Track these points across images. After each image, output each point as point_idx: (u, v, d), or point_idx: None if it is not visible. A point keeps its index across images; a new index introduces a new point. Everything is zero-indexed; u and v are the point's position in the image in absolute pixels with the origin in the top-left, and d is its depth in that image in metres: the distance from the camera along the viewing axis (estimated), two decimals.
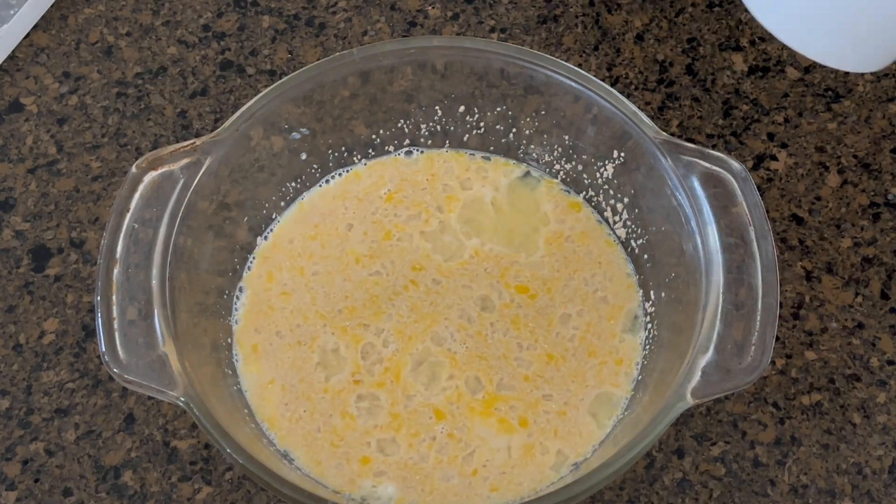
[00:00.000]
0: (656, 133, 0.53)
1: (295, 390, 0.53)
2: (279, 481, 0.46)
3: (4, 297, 0.58)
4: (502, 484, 0.51)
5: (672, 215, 0.53)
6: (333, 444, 0.52)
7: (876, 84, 0.65)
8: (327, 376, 0.54)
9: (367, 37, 0.67)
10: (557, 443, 0.52)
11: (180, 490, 0.53)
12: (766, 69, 0.66)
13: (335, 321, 0.55)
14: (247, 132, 0.55)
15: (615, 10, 0.68)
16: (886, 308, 0.58)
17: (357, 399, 0.53)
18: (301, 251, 0.58)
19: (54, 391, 0.55)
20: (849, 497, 0.53)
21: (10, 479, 0.53)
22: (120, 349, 0.48)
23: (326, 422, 0.53)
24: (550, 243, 0.58)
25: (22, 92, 0.65)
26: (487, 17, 0.68)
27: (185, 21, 0.68)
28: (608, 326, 0.55)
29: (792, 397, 0.55)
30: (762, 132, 0.63)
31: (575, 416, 0.53)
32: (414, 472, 0.51)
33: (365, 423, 0.53)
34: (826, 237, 0.60)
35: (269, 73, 0.65)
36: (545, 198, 0.59)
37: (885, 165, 0.62)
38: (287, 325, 0.55)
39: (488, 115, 0.59)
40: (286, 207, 0.59)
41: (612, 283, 0.56)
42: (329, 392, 0.53)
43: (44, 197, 0.61)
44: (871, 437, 0.54)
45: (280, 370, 0.54)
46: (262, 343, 0.55)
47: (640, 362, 0.54)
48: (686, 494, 0.53)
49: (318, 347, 0.55)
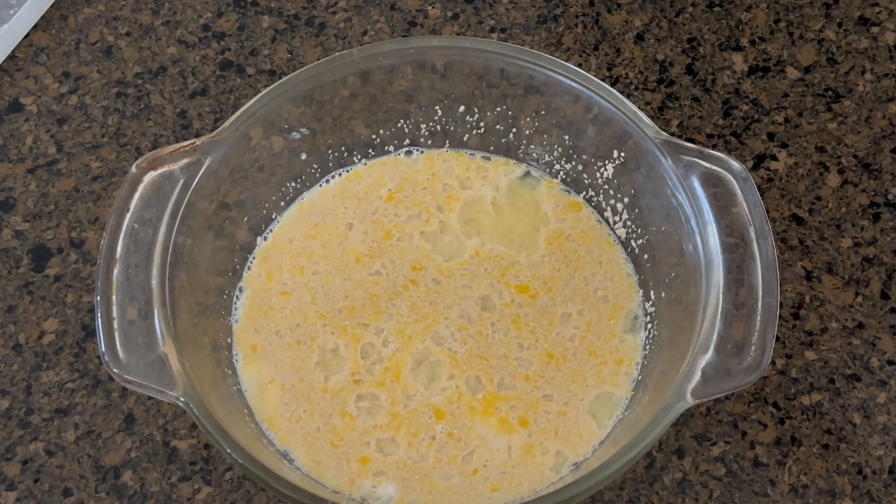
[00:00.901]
0: (656, 133, 0.53)
1: (294, 390, 0.53)
2: (279, 481, 0.46)
3: (4, 297, 0.58)
4: (502, 484, 0.51)
5: (672, 215, 0.53)
6: (333, 443, 0.52)
7: (876, 84, 0.65)
8: (327, 376, 0.54)
9: (367, 37, 0.67)
10: (557, 443, 0.52)
11: (180, 490, 0.53)
12: (766, 69, 0.66)
13: (335, 321, 0.55)
14: (247, 132, 0.55)
15: (615, 10, 0.68)
16: (886, 308, 0.58)
17: (357, 399, 0.53)
18: (301, 251, 0.58)
19: (54, 391, 0.55)
20: (849, 497, 0.53)
21: (10, 479, 0.53)
22: (120, 349, 0.48)
23: (326, 422, 0.53)
24: (551, 243, 0.58)
25: (22, 92, 0.65)
26: (487, 17, 0.68)
27: (185, 21, 0.68)
28: (608, 326, 0.55)
29: (792, 397, 0.55)
30: (762, 132, 0.63)
31: (575, 416, 0.53)
32: (413, 471, 0.51)
33: (364, 422, 0.53)
34: (826, 237, 0.60)
35: (269, 73, 0.65)
36: (545, 198, 0.59)
37: (885, 165, 0.62)
38: (287, 325, 0.55)
39: (488, 115, 0.59)
40: (286, 207, 0.59)
41: (612, 283, 0.56)
42: (329, 392, 0.53)
43: (44, 197, 0.61)
44: (871, 438, 0.54)
45: (280, 370, 0.54)
46: (262, 343, 0.55)
47: (641, 362, 0.54)
48: (686, 494, 0.53)
49: (317, 347, 0.55)
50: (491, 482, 0.51)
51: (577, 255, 0.57)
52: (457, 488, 0.51)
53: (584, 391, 0.53)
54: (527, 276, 0.56)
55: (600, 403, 0.53)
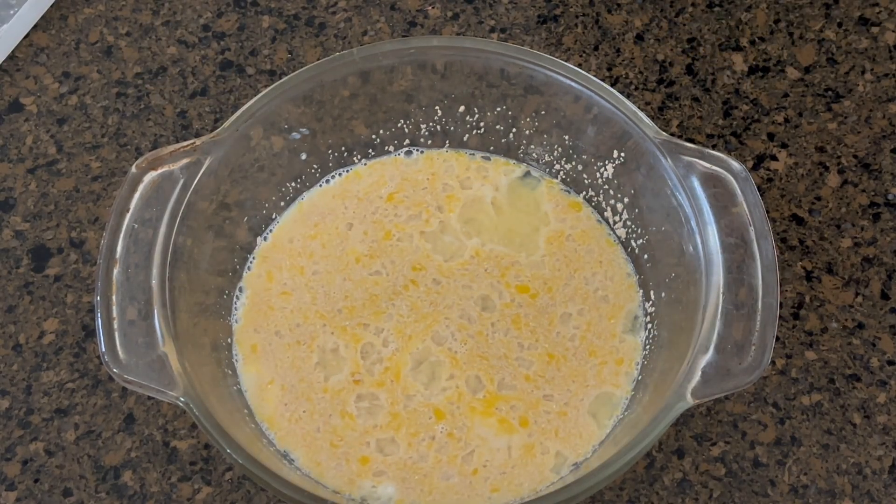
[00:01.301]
0: (656, 133, 0.53)
1: (294, 390, 0.53)
2: (279, 481, 0.46)
3: (4, 297, 0.58)
4: (502, 484, 0.51)
5: (672, 215, 0.53)
6: (333, 444, 0.52)
7: (876, 84, 0.65)
8: (326, 376, 0.54)
9: (367, 37, 0.67)
10: (557, 443, 0.52)
11: (180, 490, 0.53)
12: (766, 69, 0.66)
13: (335, 321, 0.55)
14: (247, 132, 0.55)
15: (615, 10, 0.68)
16: (886, 308, 0.58)
17: (356, 399, 0.53)
18: (301, 251, 0.57)
19: (54, 391, 0.55)
20: (849, 497, 0.53)
21: (9, 479, 0.53)
22: (120, 349, 0.48)
23: (326, 422, 0.53)
24: (551, 243, 0.58)
25: (22, 92, 0.65)
26: (487, 17, 0.68)
27: (185, 21, 0.68)
28: (608, 326, 0.55)
29: (792, 397, 0.55)
30: (762, 132, 0.63)
31: (575, 416, 0.53)
32: (413, 471, 0.51)
33: (364, 422, 0.53)
34: (826, 237, 0.60)
35: (269, 73, 0.65)
36: (545, 198, 0.59)
37: (885, 165, 0.62)
38: (287, 325, 0.55)
39: (488, 115, 0.59)
40: (286, 207, 0.59)
41: (612, 283, 0.56)
42: (328, 392, 0.53)
43: (44, 197, 0.61)
44: (871, 438, 0.54)
45: (279, 370, 0.54)
46: (262, 343, 0.55)
47: (641, 362, 0.54)
48: (686, 494, 0.53)
49: (317, 347, 0.55)
50: (491, 482, 0.51)
51: (577, 255, 0.57)
52: (457, 488, 0.51)
53: (585, 391, 0.53)
54: (527, 275, 0.56)
55: (600, 403, 0.53)
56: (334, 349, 0.54)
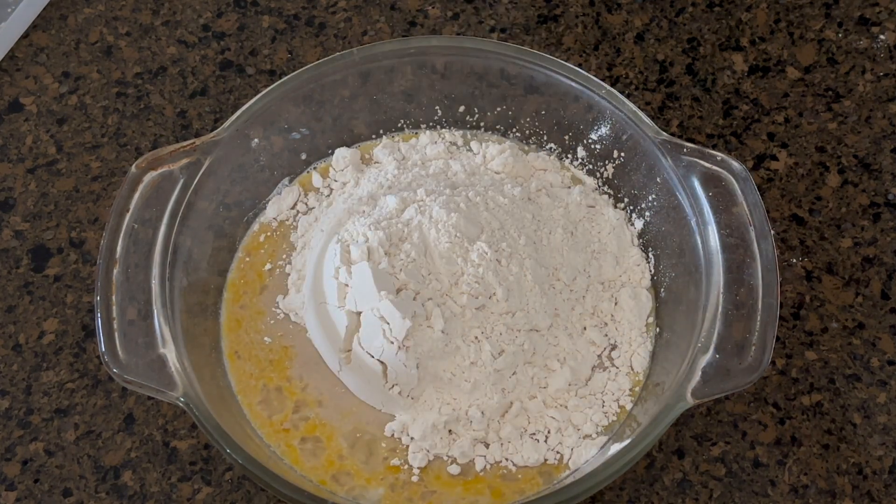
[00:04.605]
0: (656, 133, 0.53)
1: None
2: (279, 481, 0.46)
3: (4, 297, 0.58)
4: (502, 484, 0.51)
5: (672, 215, 0.53)
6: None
7: (876, 84, 0.65)
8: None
9: (367, 37, 0.67)
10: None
11: (180, 490, 0.53)
12: (766, 69, 0.66)
13: None
14: (247, 132, 0.55)
15: (615, 10, 0.68)
16: (887, 308, 0.58)
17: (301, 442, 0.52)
18: None
19: (54, 391, 0.55)
20: (849, 497, 0.53)
21: (9, 479, 0.53)
22: (120, 349, 0.48)
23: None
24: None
25: (21, 92, 0.65)
26: (487, 17, 0.68)
27: (184, 21, 0.68)
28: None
29: (792, 397, 0.55)
30: (762, 132, 0.63)
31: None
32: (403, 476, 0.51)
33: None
34: (826, 237, 0.60)
35: (269, 73, 0.65)
36: None
37: (885, 165, 0.62)
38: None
39: (488, 115, 0.59)
40: None
41: None
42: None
43: (43, 197, 0.61)
44: (871, 438, 0.54)
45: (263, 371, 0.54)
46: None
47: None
48: (686, 494, 0.53)
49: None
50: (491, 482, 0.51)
51: None
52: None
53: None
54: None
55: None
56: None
